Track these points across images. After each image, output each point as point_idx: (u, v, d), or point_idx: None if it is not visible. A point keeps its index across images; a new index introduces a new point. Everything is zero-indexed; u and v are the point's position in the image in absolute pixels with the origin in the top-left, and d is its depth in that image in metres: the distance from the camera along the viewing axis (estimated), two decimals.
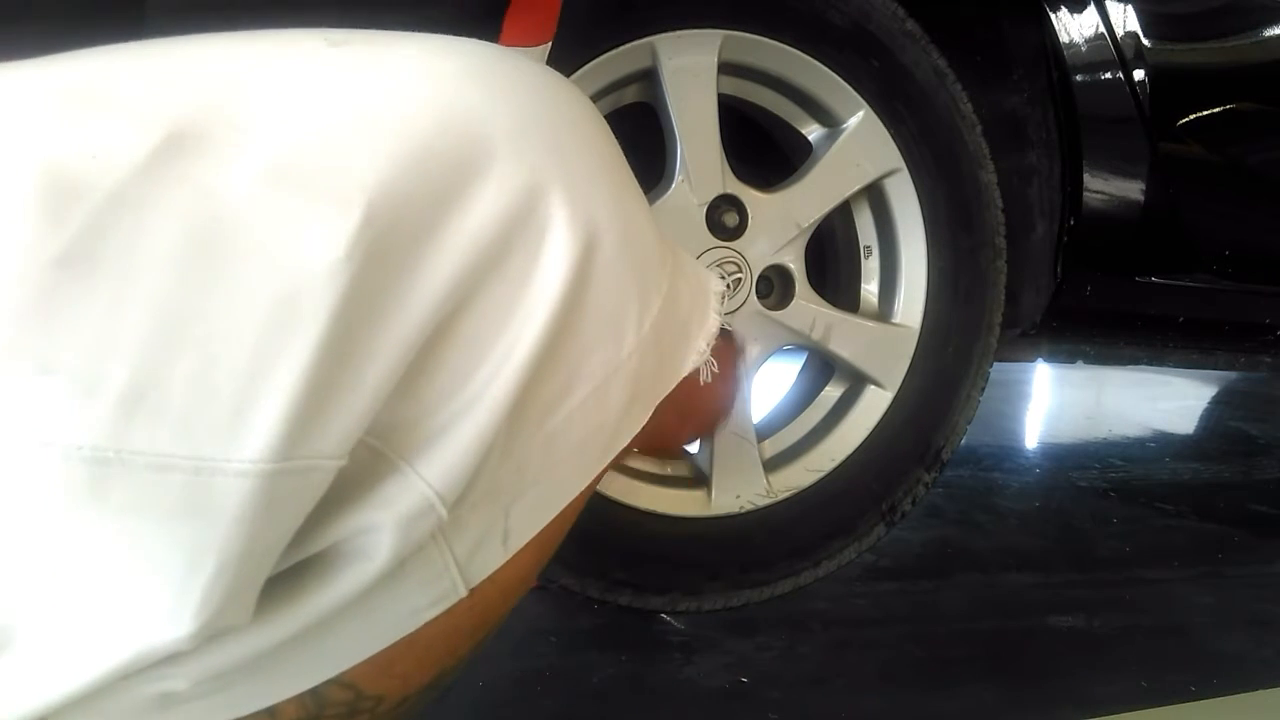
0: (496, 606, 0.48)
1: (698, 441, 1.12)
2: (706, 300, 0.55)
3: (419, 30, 0.46)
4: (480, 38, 0.48)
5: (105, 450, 0.34)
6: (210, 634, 0.37)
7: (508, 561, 0.46)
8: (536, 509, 0.47)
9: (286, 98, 0.40)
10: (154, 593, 0.35)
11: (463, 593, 0.45)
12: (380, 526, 0.40)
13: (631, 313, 0.47)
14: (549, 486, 0.47)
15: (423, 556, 0.43)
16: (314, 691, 0.43)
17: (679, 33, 1.01)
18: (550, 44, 0.61)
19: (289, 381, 0.35)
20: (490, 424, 0.42)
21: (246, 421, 0.35)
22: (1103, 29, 1.21)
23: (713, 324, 0.55)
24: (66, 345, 0.33)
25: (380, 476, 0.40)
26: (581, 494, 0.49)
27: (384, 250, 0.37)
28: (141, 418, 0.34)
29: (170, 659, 0.37)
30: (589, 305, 0.45)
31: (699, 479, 1.12)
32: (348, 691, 0.44)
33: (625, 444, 0.50)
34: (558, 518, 0.48)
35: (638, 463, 1.13)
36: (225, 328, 0.35)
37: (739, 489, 1.11)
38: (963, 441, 1.21)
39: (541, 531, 0.47)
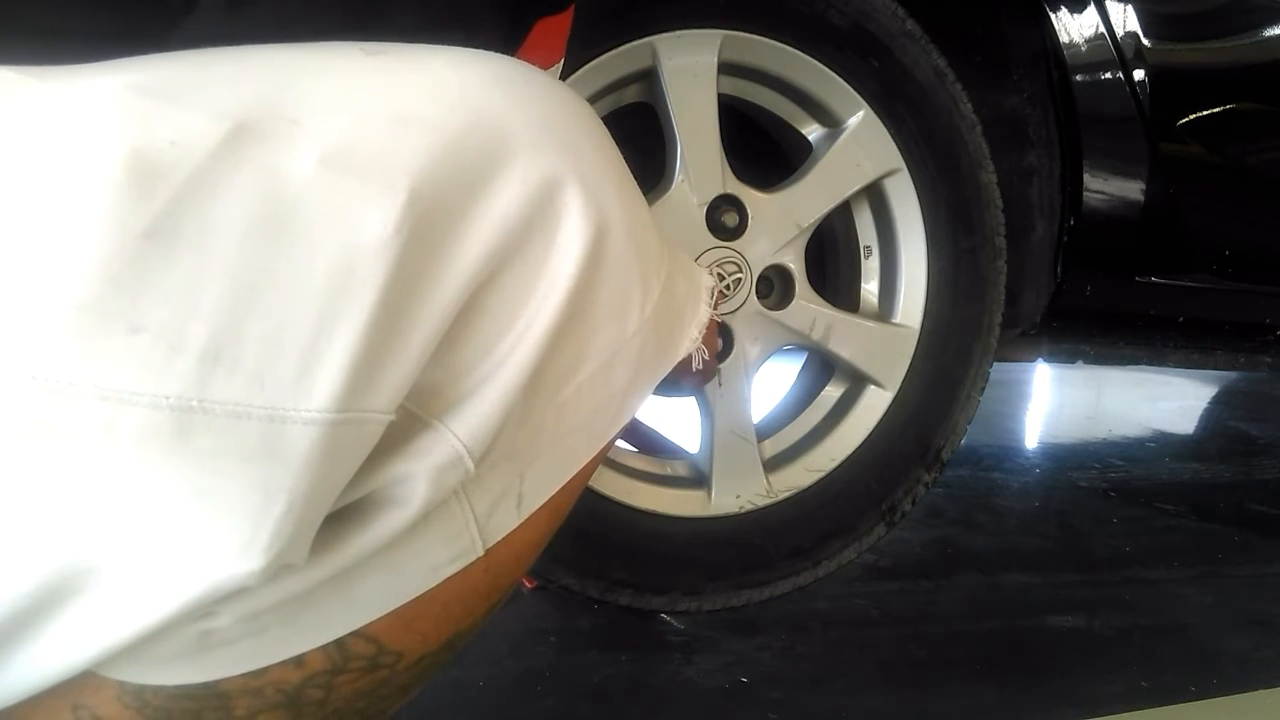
0: (509, 570, 0.51)
1: (697, 441, 1.13)
2: (699, 292, 0.60)
3: None
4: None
5: (190, 400, 0.37)
6: (275, 570, 0.40)
7: (521, 525, 0.50)
8: (548, 475, 0.51)
9: (334, 95, 0.44)
10: (229, 531, 0.39)
11: (480, 551, 0.48)
12: (414, 475, 0.44)
13: (635, 297, 0.52)
14: (559, 455, 0.51)
15: (446, 512, 0.47)
16: (339, 642, 0.46)
17: (679, 33, 1.02)
18: (560, 65, 0.64)
19: (347, 343, 0.39)
20: (511, 389, 0.46)
21: (312, 376, 0.39)
22: (1103, 29, 1.21)
23: (704, 314, 0.59)
24: (154, 308, 0.37)
25: (415, 433, 0.44)
26: (587, 466, 0.53)
27: (425, 230, 0.41)
28: (221, 372, 0.38)
29: (227, 595, 0.40)
30: (599, 287, 0.49)
31: (699, 479, 1.12)
32: (370, 645, 0.47)
33: (626, 420, 0.54)
34: (565, 487, 0.52)
35: (638, 463, 1.13)
36: (291, 295, 0.39)
37: (739, 489, 1.11)
38: (963, 441, 1.21)
39: (551, 499, 0.51)
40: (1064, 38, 1.19)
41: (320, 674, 0.46)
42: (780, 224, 1.08)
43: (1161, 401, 3.30)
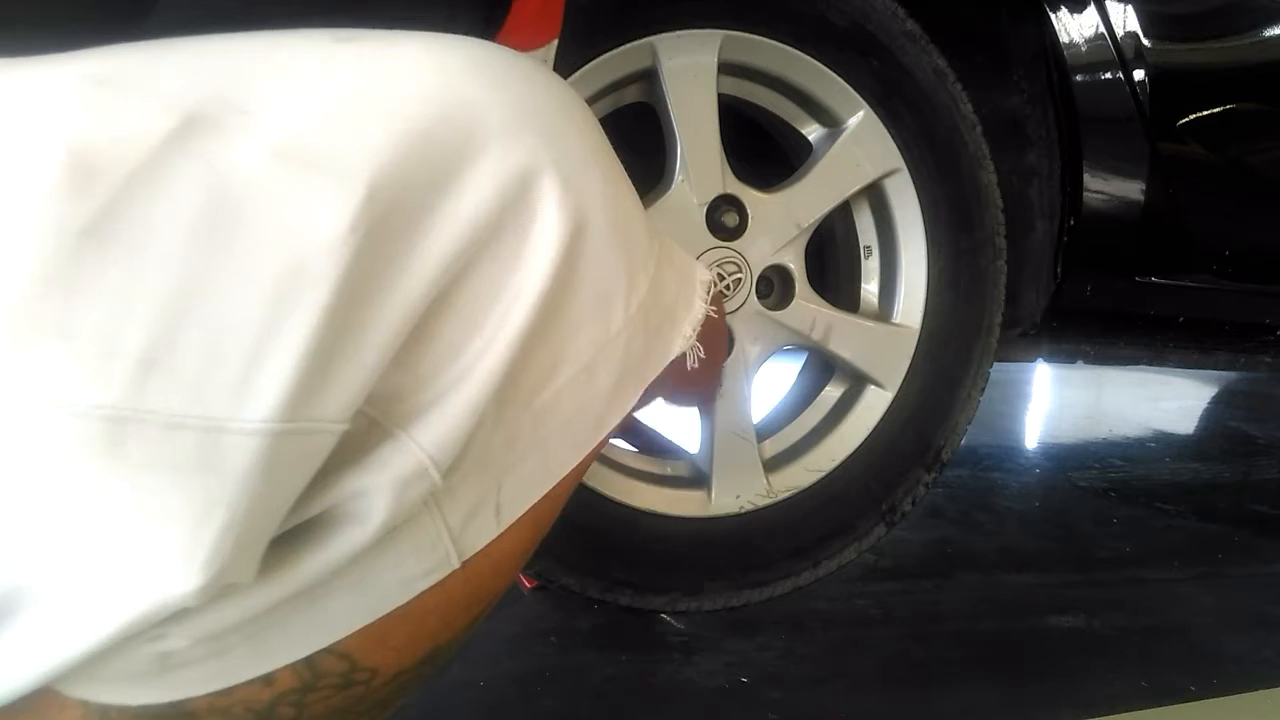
0: (490, 582, 0.49)
1: (697, 441, 1.12)
2: (693, 288, 0.57)
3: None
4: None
5: (123, 409, 0.35)
6: (217, 589, 0.38)
7: (500, 536, 0.47)
8: (528, 483, 0.48)
9: (293, 85, 0.41)
10: (165, 548, 0.37)
11: (455, 564, 0.46)
12: (374, 489, 0.41)
13: (619, 294, 0.49)
14: (540, 462, 0.48)
15: (417, 525, 0.44)
16: (309, 660, 0.44)
17: (679, 33, 1.01)
18: (555, 43, 0.62)
19: (293, 348, 0.37)
20: (481, 395, 0.43)
21: (253, 385, 0.36)
22: (1103, 29, 1.21)
23: (699, 311, 0.56)
24: (87, 312, 0.35)
25: (375, 443, 0.41)
26: (572, 473, 0.50)
27: (385, 227, 0.39)
28: (156, 380, 0.35)
29: (173, 616, 0.38)
30: (577, 284, 0.46)
31: (699, 479, 1.12)
32: (343, 662, 0.45)
33: (614, 424, 0.51)
34: (549, 495, 0.49)
35: (638, 463, 1.13)
36: (234, 296, 0.36)
37: (739, 489, 1.11)
38: (963, 441, 1.21)
39: (533, 508, 0.49)
40: (1064, 38, 1.19)
41: (291, 692, 0.44)
42: (780, 224, 1.08)
43: (1161, 401, 3.30)
